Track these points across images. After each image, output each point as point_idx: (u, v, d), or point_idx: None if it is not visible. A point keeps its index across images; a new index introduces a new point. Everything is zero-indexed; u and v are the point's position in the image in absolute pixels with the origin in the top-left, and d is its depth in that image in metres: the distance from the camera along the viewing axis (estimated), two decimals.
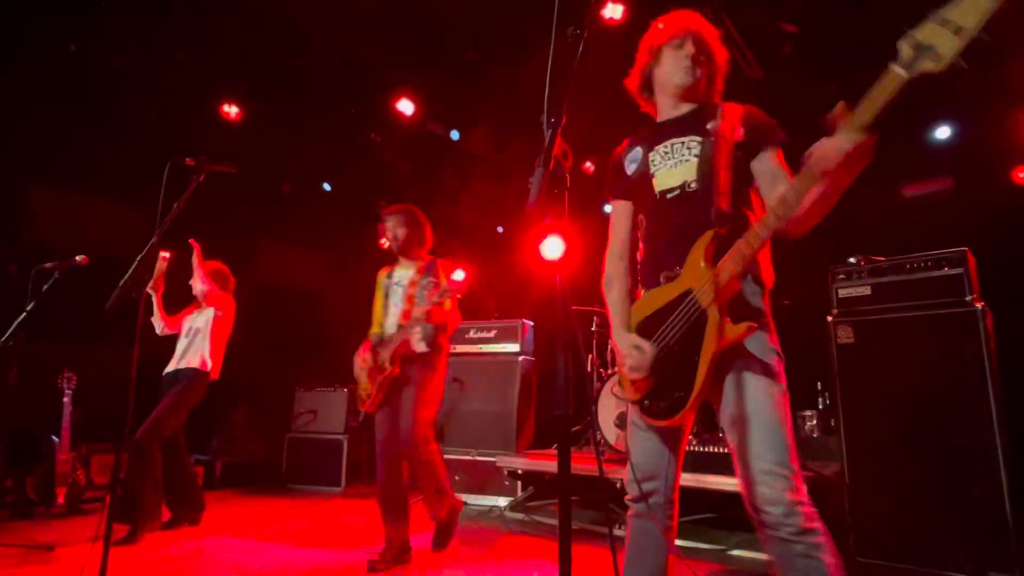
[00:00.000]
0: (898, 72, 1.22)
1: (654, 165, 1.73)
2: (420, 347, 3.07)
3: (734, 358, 1.54)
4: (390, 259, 3.37)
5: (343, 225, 6.96)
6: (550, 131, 1.14)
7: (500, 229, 7.24)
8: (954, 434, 2.74)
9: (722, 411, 1.58)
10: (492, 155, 6.18)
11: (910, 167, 4.80)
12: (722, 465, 3.45)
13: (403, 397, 3.05)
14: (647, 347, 1.59)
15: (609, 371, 4.57)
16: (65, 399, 4.08)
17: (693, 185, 1.63)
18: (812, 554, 1.41)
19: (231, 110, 5.26)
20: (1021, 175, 4.54)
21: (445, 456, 5.00)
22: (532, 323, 5.20)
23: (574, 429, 4.96)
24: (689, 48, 1.68)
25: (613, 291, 1.80)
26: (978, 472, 2.65)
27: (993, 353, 2.75)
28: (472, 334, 5.27)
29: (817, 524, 1.43)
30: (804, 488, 1.47)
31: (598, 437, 4.39)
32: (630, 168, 1.80)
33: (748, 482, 1.48)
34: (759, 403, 1.50)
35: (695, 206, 1.60)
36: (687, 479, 3.52)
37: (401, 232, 3.27)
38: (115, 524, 3.28)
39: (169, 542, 3.39)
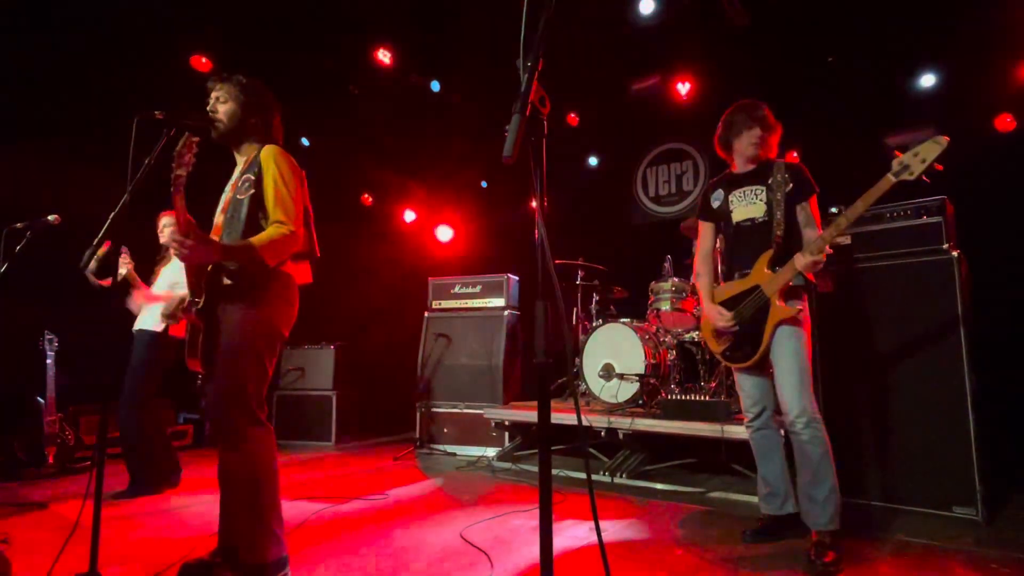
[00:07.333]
0: (890, 178, 2.09)
1: (732, 204, 2.57)
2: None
3: (782, 325, 2.37)
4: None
5: (321, 180, 6.81)
6: (526, 75, 1.10)
7: (484, 184, 7.13)
8: (926, 376, 2.84)
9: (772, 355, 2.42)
10: (474, 106, 6.03)
11: (893, 116, 4.78)
12: (702, 413, 3.55)
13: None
14: (727, 313, 2.49)
15: (593, 323, 4.61)
16: (48, 360, 4.07)
17: (759, 219, 2.47)
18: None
19: (203, 61, 5.07)
20: (1004, 123, 4.54)
21: (436, 409, 5.15)
22: (517, 277, 5.21)
23: (559, 381, 5.05)
24: (757, 131, 2.50)
25: (703, 279, 2.67)
26: (947, 412, 2.76)
27: (967, 299, 2.82)
28: (458, 289, 5.27)
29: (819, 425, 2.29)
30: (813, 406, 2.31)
31: (582, 388, 4.48)
32: (715, 203, 2.65)
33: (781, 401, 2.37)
34: (785, 355, 2.35)
35: (761, 233, 2.45)
36: (668, 426, 3.62)
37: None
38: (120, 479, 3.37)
39: (161, 500, 3.44)
